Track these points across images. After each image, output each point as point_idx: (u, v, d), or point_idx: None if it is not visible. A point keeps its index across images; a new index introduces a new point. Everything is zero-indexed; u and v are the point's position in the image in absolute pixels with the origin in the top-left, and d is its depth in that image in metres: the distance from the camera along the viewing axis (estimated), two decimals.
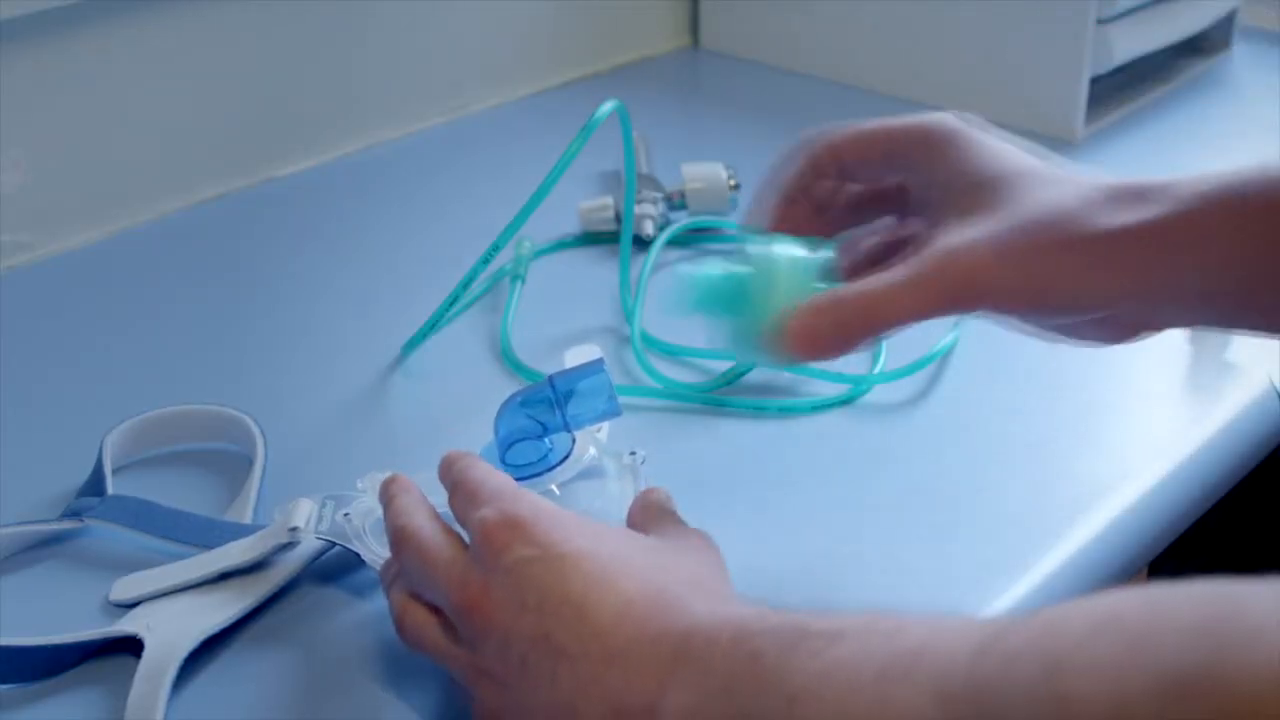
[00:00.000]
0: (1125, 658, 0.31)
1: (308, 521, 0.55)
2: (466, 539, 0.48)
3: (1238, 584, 0.31)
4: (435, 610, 0.48)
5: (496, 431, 0.57)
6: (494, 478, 0.50)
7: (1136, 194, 0.49)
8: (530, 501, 0.48)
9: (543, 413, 0.56)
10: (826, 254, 0.54)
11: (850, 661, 0.38)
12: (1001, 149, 0.53)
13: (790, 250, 0.53)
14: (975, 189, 0.51)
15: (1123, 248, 0.48)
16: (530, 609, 0.44)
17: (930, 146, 0.53)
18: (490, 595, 0.45)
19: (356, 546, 0.54)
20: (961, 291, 0.50)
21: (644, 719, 0.42)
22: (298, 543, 0.55)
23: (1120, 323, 0.52)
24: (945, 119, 0.54)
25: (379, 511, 0.54)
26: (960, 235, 0.50)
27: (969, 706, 0.35)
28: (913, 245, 0.52)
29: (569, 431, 0.58)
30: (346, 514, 0.55)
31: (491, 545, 0.46)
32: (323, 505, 0.56)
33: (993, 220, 0.50)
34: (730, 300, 0.52)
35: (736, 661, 0.41)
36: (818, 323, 0.51)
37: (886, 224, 0.57)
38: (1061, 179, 0.51)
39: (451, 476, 0.51)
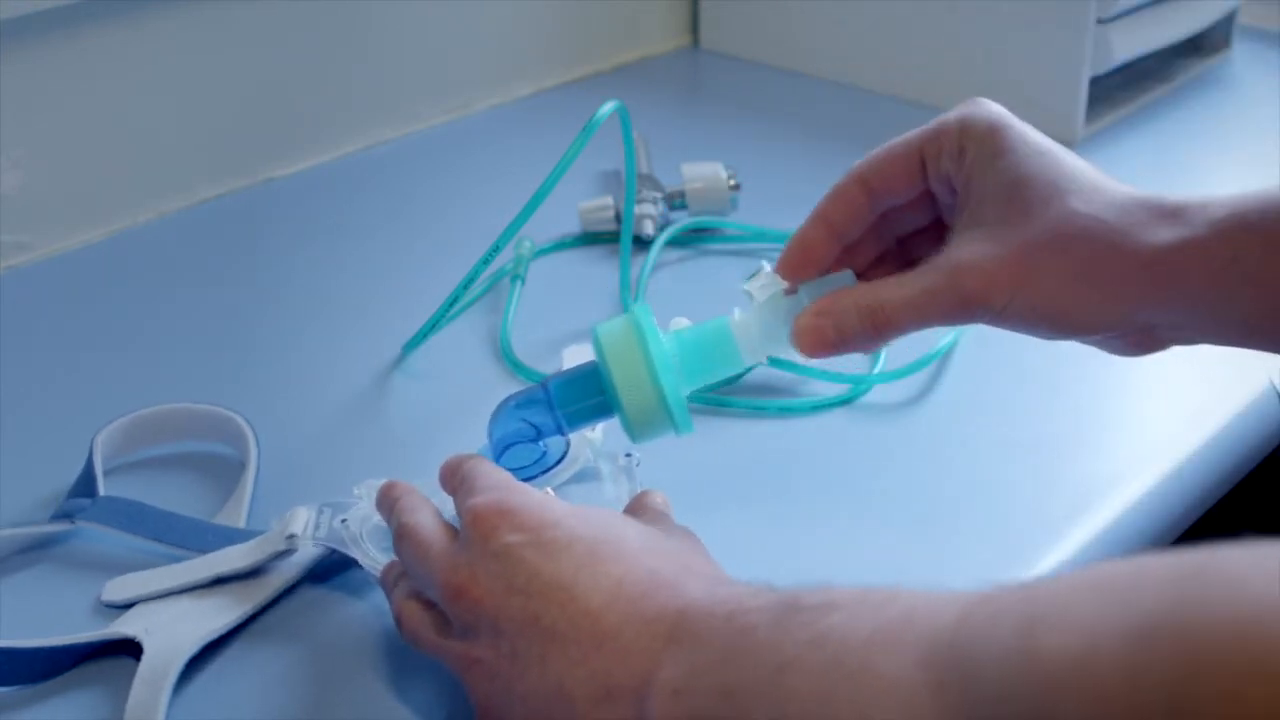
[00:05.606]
0: (1099, 611, 0.32)
1: (305, 528, 0.55)
2: None
3: (1218, 547, 0.32)
4: (431, 606, 0.48)
5: (490, 435, 0.57)
6: (492, 473, 0.50)
7: (1172, 212, 0.49)
8: (521, 489, 0.48)
9: (537, 415, 0.56)
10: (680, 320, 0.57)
11: (839, 630, 0.38)
12: (1030, 151, 0.52)
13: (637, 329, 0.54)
14: (1003, 197, 0.51)
15: (1165, 267, 0.48)
16: (518, 592, 0.44)
17: (955, 155, 0.53)
18: (479, 579, 0.45)
19: (354, 552, 0.54)
20: (974, 307, 0.50)
21: (634, 698, 0.42)
22: (295, 550, 0.55)
23: (1150, 338, 0.52)
24: (975, 116, 0.53)
25: (376, 517, 0.54)
26: (982, 248, 0.50)
27: (951, 669, 0.35)
28: (937, 247, 0.52)
29: (563, 434, 0.57)
30: (344, 520, 0.55)
31: (480, 529, 0.46)
32: (320, 512, 0.56)
33: (1018, 232, 0.49)
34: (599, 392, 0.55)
35: (729, 637, 0.41)
36: (820, 324, 0.52)
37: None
38: (1095, 188, 0.50)
39: (457, 476, 0.51)
